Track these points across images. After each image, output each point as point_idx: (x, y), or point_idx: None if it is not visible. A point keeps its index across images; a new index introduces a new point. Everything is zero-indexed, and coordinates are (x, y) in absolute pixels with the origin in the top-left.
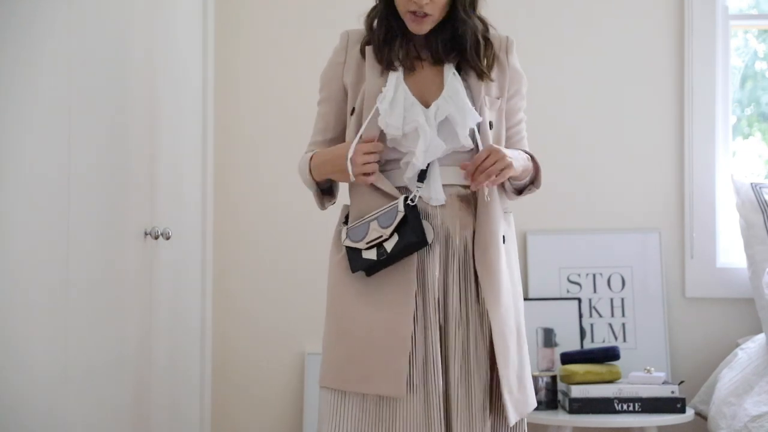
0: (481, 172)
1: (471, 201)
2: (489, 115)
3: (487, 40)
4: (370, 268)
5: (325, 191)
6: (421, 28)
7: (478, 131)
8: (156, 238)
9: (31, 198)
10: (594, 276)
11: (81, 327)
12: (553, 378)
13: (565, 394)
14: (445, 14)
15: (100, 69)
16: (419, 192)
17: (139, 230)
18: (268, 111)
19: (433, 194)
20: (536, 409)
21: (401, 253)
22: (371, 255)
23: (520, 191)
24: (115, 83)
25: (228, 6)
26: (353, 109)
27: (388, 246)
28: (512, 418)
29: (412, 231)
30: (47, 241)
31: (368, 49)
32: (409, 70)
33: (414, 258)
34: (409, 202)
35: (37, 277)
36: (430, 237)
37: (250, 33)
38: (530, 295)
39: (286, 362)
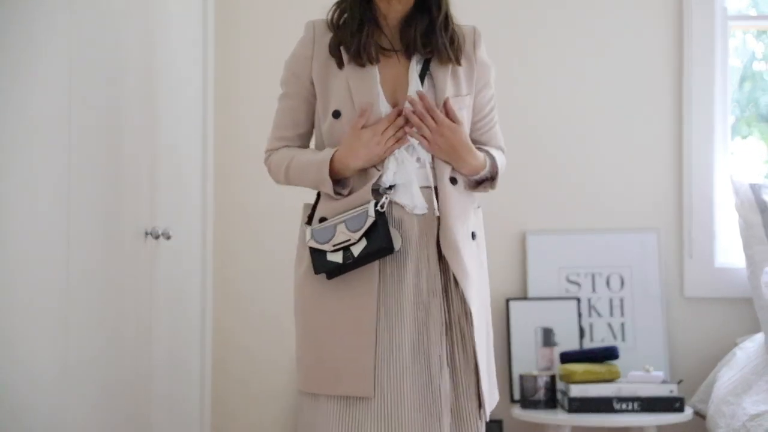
0: (416, 122)
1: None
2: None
3: (454, 31)
4: (334, 271)
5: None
6: (391, 6)
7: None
8: (156, 238)
9: (31, 198)
10: (593, 276)
11: (81, 326)
12: (552, 377)
13: (564, 393)
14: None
15: (99, 69)
16: (391, 198)
17: (139, 230)
18: (268, 111)
19: (418, 202)
20: (536, 408)
21: (368, 258)
22: (336, 258)
23: (475, 186)
24: (115, 83)
25: (228, 6)
26: (336, 112)
27: (356, 250)
28: (488, 415)
29: (380, 237)
30: (47, 241)
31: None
32: (374, 63)
33: (376, 262)
34: (378, 208)
35: (37, 276)
36: (397, 244)
37: (250, 33)
38: (530, 295)
39: (286, 361)
